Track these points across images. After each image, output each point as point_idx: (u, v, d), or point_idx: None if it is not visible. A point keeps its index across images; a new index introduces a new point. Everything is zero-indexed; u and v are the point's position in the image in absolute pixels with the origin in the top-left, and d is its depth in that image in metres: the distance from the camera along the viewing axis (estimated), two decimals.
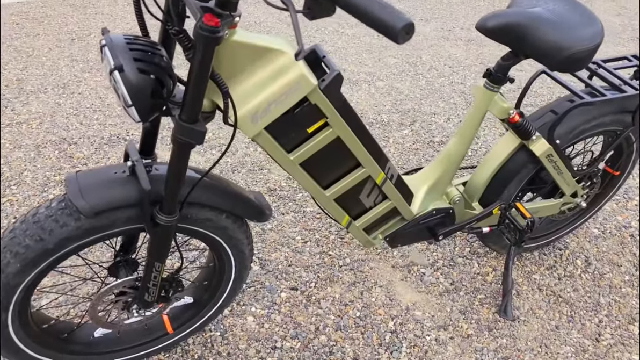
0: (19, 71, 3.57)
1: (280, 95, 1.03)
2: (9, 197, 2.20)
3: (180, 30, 0.90)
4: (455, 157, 1.51)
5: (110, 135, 2.73)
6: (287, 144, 1.15)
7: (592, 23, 1.30)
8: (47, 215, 1.07)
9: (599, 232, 2.16)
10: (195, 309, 1.49)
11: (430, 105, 3.31)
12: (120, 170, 1.10)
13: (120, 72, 0.90)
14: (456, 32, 5.03)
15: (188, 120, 0.96)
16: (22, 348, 1.23)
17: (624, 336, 1.69)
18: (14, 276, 1.08)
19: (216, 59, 0.93)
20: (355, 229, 1.43)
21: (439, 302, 1.80)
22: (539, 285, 1.88)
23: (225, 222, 1.26)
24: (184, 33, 0.91)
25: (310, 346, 1.61)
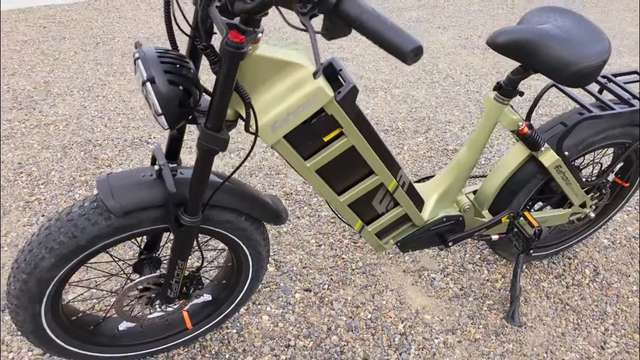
0: (46, 74, 3.69)
1: (299, 106, 1.10)
2: (37, 195, 2.30)
3: (207, 46, 0.98)
4: (465, 166, 1.56)
5: (133, 137, 2.83)
6: (304, 151, 1.21)
7: (600, 40, 1.35)
8: (80, 214, 1.15)
9: (609, 243, 2.19)
10: (214, 306, 1.56)
11: (445, 114, 3.35)
12: (148, 174, 1.18)
13: (152, 84, 0.97)
14: (473, 41, 5.06)
15: (213, 129, 1.04)
16: (53, 338, 1.31)
17: (629, 345, 1.73)
18: (48, 270, 1.16)
19: (240, 71, 1.00)
20: (367, 234, 1.50)
21: (448, 306, 1.85)
22: (547, 292, 1.92)
23: (244, 224, 1.33)
24: (211, 48, 0.98)
25: (323, 345, 1.67)
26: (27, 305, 1.20)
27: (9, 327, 1.66)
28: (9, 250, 1.98)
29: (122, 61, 4.01)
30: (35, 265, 1.15)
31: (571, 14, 1.42)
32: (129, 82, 3.58)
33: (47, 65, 3.86)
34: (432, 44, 4.85)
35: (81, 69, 3.82)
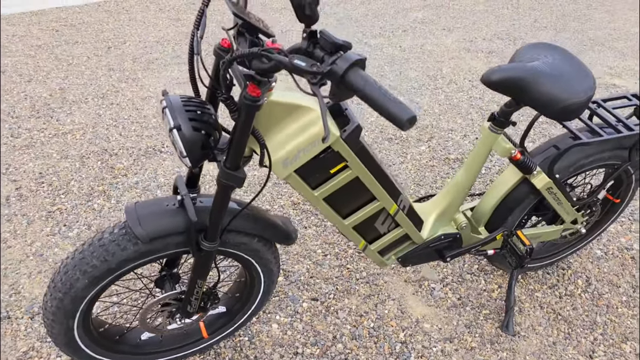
0: (60, 80, 3.82)
1: (308, 144, 1.22)
2: (59, 205, 2.43)
3: (227, 97, 1.09)
4: (462, 188, 1.68)
5: (147, 147, 2.95)
6: (312, 182, 1.33)
7: (586, 77, 1.45)
8: (111, 240, 1.27)
9: (602, 254, 2.30)
10: (228, 317, 1.69)
11: (448, 121, 3.45)
12: (171, 203, 1.30)
13: (179, 131, 1.09)
14: (478, 44, 5.14)
15: (231, 168, 1.15)
16: (83, 348, 1.44)
17: (615, 354, 1.84)
18: (81, 290, 1.29)
19: (255, 116, 1.11)
20: (370, 252, 1.61)
21: (446, 315, 1.97)
22: (541, 303, 2.04)
23: (257, 245, 1.45)
24: (230, 99, 1.10)
25: (328, 353, 1.79)
26: (62, 320, 1.33)
27: (37, 333, 1.79)
28: (34, 259, 2.11)
29: (134, 66, 4.12)
30: (70, 285, 1.28)
31: (560, 50, 1.52)
32: (141, 89, 3.69)
33: (62, 71, 3.98)
34: (436, 47, 4.93)
35: (94, 74, 3.93)
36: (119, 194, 2.53)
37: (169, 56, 4.33)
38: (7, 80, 3.73)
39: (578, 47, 5.21)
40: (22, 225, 2.28)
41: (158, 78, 3.90)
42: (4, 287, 1.96)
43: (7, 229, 2.25)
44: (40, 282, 1.99)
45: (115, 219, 2.35)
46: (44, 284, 1.98)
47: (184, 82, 3.81)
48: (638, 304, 2.06)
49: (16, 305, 1.89)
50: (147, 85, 3.75)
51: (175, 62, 4.20)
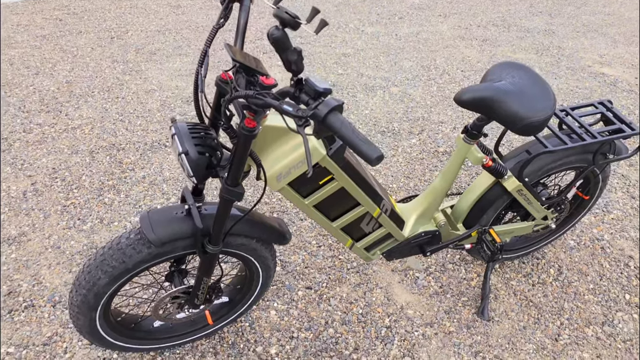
0: (67, 72, 3.96)
1: (298, 162, 1.39)
2: (72, 200, 2.62)
3: (228, 127, 1.26)
4: (440, 192, 1.86)
5: (153, 141, 3.12)
6: (303, 192, 1.51)
7: (547, 96, 1.61)
8: (128, 244, 1.46)
9: (575, 244, 2.49)
10: (230, 306, 1.89)
11: (438, 114, 3.61)
12: (179, 211, 1.48)
13: (186, 155, 1.27)
14: (472, 31, 5.24)
15: (231, 185, 1.33)
16: (104, 336, 1.65)
17: (579, 337, 2.05)
18: (103, 287, 1.48)
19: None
20: (357, 249, 1.81)
21: (428, 302, 2.17)
22: (515, 290, 2.24)
23: (255, 245, 1.64)
24: (231, 128, 1.27)
25: (321, 337, 2.00)
26: (86, 312, 1.53)
27: (60, 320, 2.00)
28: (52, 251, 2.31)
29: (137, 58, 4.25)
30: (93, 283, 1.47)
31: (525, 70, 1.68)
32: (145, 82, 3.84)
33: (67, 63, 4.12)
34: (431, 35, 5.04)
35: (99, 66, 4.08)
36: (127, 188, 2.72)
37: (170, 46, 4.47)
38: (15, 73, 3.88)
39: (571, 33, 5.32)
40: (40, 219, 2.47)
41: (161, 70, 4.04)
42: (27, 278, 2.16)
43: (27, 223, 2.44)
44: (59, 273, 2.19)
45: (125, 212, 2.54)
46: (62, 275, 2.18)
47: (185, 75, 3.96)
48: (607, 289, 2.26)
49: (39, 295, 2.09)
50: (151, 78, 3.90)
51: (177, 53, 4.34)
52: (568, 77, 4.33)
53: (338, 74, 4.11)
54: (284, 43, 1.11)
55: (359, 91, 3.86)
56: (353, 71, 4.18)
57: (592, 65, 4.62)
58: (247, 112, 1.21)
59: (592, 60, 4.72)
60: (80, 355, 1.87)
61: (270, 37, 1.11)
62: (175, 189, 2.71)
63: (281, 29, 1.12)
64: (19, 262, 2.23)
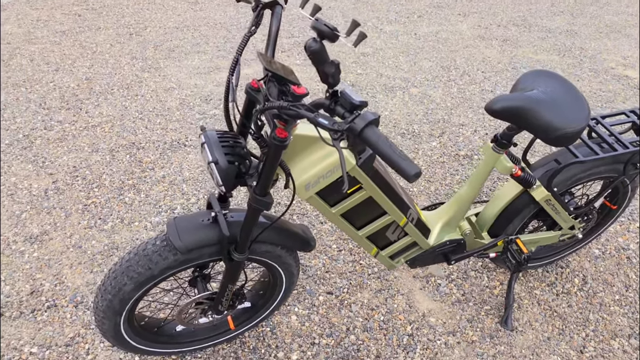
0: (86, 69, 3.97)
1: (328, 171, 1.37)
2: (93, 199, 2.62)
3: (259, 136, 1.25)
4: (466, 201, 1.83)
5: (172, 140, 3.12)
6: (330, 201, 1.49)
7: (581, 106, 1.58)
8: (154, 250, 1.45)
9: (600, 253, 2.45)
10: (252, 312, 1.88)
11: (459, 116, 3.57)
12: (205, 218, 1.47)
13: (216, 165, 1.25)
14: (492, 30, 5.18)
15: (260, 194, 1.32)
16: (128, 340, 1.64)
17: (605, 349, 2.01)
18: (128, 293, 1.48)
19: None
20: (382, 257, 1.78)
21: (450, 310, 2.14)
22: (539, 300, 2.20)
23: (280, 252, 1.63)
24: (261, 138, 1.25)
25: (342, 344, 1.99)
26: (111, 317, 1.53)
27: (82, 321, 2.00)
28: (74, 251, 2.31)
29: (155, 55, 4.26)
30: (119, 289, 1.47)
31: (558, 78, 1.65)
32: (164, 79, 3.84)
33: (87, 59, 4.13)
34: (451, 35, 4.99)
35: (118, 63, 4.08)
36: (147, 187, 2.72)
37: (188, 44, 4.46)
38: (35, 70, 3.90)
39: (594, 34, 5.23)
40: (61, 218, 2.48)
41: (179, 67, 4.04)
42: (49, 277, 2.17)
43: (48, 222, 2.45)
44: (81, 273, 2.20)
45: (145, 212, 2.54)
46: (84, 275, 2.19)
47: (204, 72, 3.95)
48: (634, 301, 2.22)
49: (61, 295, 2.10)
50: (169, 76, 3.90)
51: (195, 51, 4.33)
52: (591, 80, 4.26)
53: (357, 74, 4.08)
54: (322, 56, 1.09)
55: (378, 92, 3.83)
56: (372, 71, 4.15)
57: (616, 68, 4.54)
58: (278, 121, 1.19)
59: (616, 62, 4.64)
60: (102, 357, 1.88)
61: (308, 49, 1.09)
62: (194, 190, 2.71)
63: (319, 42, 1.10)
64: (41, 261, 2.24)
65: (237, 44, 4.47)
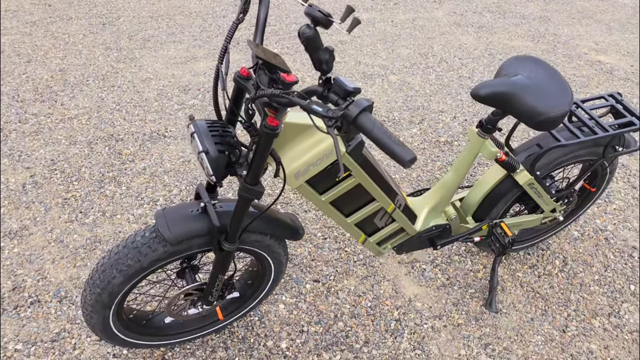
0: (59, 60, 3.87)
1: (317, 159, 1.37)
2: (73, 192, 2.58)
3: (249, 125, 1.24)
4: (451, 186, 1.85)
5: (151, 131, 3.07)
6: (320, 189, 1.49)
7: (564, 91, 1.61)
8: (143, 242, 1.43)
9: (579, 235, 2.51)
10: (241, 301, 1.88)
11: (438, 102, 3.60)
12: (194, 209, 1.46)
13: (207, 154, 1.24)
14: (468, 17, 5.21)
15: (251, 183, 1.31)
16: (117, 333, 1.63)
17: (586, 328, 2.07)
18: (117, 286, 1.46)
19: None
20: (369, 244, 1.80)
21: (436, 295, 2.18)
22: (521, 282, 2.25)
23: (269, 241, 1.62)
24: (252, 126, 1.24)
25: (331, 331, 2.00)
26: (100, 311, 1.51)
27: (67, 316, 1.97)
28: (55, 245, 2.27)
29: (130, 45, 4.17)
30: (108, 282, 1.45)
31: (540, 63, 1.67)
32: (140, 70, 3.77)
33: (60, 50, 4.03)
34: (427, 22, 5.01)
35: (92, 54, 3.99)
36: (128, 180, 2.68)
37: (164, 33, 4.39)
38: (6, 61, 3.79)
39: (566, 20, 5.31)
40: (41, 213, 2.42)
41: (155, 57, 3.97)
42: (31, 273, 2.13)
43: (27, 216, 2.40)
44: (64, 268, 2.16)
45: (127, 205, 2.51)
46: (67, 269, 2.15)
47: (181, 62, 3.89)
48: (612, 280, 2.28)
49: (44, 290, 2.06)
50: (146, 66, 3.83)
51: (171, 40, 4.26)
52: (565, 66, 4.34)
53: (336, 62, 4.07)
54: (316, 42, 1.09)
55: (357, 79, 3.83)
56: (351, 59, 4.14)
57: (588, 53, 4.63)
58: (269, 109, 1.18)
59: (588, 48, 4.73)
60: (89, 351, 1.85)
61: (302, 35, 1.09)
62: (176, 181, 2.68)
63: (313, 28, 1.09)
64: (22, 256, 2.20)
65: (213, 32, 4.41)
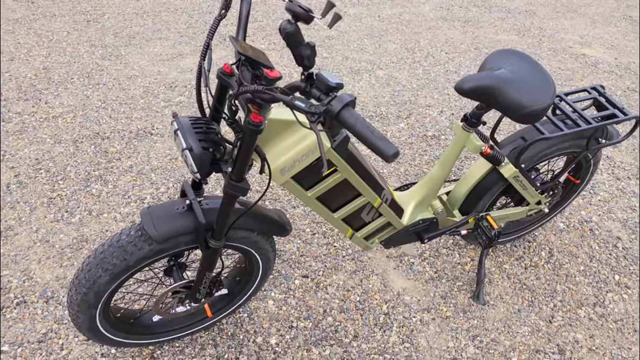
0: (43, 58, 3.83)
1: (303, 155, 1.37)
2: (58, 191, 2.55)
3: (233, 121, 1.23)
4: (437, 181, 1.86)
5: (138, 129, 3.05)
6: (306, 184, 1.49)
7: (547, 84, 1.62)
8: (128, 241, 1.43)
9: (564, 226, 2.54)
10: (229, 298, 1.88)
11: (425, 97, 3.61)
12: (180, 206, 1.45)
13: (191, 152, 1.24)
14: (454, 12, 5.23)
15: (236, 180, 1.31)
16: (104, 333, 1.62)
17: (572, 318, 2.09)
18: (103, 285, 1.45)
19: None
20: (357, 239, 1.80)
21: (424, 288, 2.19)
22: (508, 274, 2.27)
23: (257, 238, 1.62)
24: (236, 123, 1.24)
25: (320, 326, 2.00)
26: (86, 311, 1.50)
27: (54, 316, 1.96)
28: (41, 245, 2.25)
29: (115, 42, 4.14)
30: (93, 281, 1.44)
31: (523, 57, 1.68)
32: (125, 67, 3.74)
33: (43, 48, 3.98)
34: (414, 17, 5.01)
35: (77, 51, 3.95)
36: (115, 178, 2.66)
37: (149, 30, 4.35)
38: None
39: (551, 13, 5.35)
40: (26, 213, 2.40)
41: (141, 54, 3.94)
42: (16, 273, 2.11)
43: (12, 216, 2.37)
44: (50, 268, 2.15)
45: (114, 203, 2.49)
46: (53, 269, 2.13)
47: (167, 59, 3.87)
48: (597, 271, 2.31)
49: (30, 290, 2.05)
50: (131, 63, 3.80)
51: (157, 37, 4.23)
52: (550, 59, 4.37)
53: (323, 58, 4.07)
54: (297, 38, 1.08)
55: (344, 75, 3.83)
56: (338, 54, 4.14)
57: (573, 46, 4.67)
58: (252, 106, 1.18)
59: (573, 41, 4.77)
60: (77, 351, 1.84)
61: (283, 31, 1.08)
62: (164, 178, 2.67)
63: (294, 23, 1.09)
64: (7, 257, 2.18)
65: (199, 29, 4.39)
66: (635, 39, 4.97)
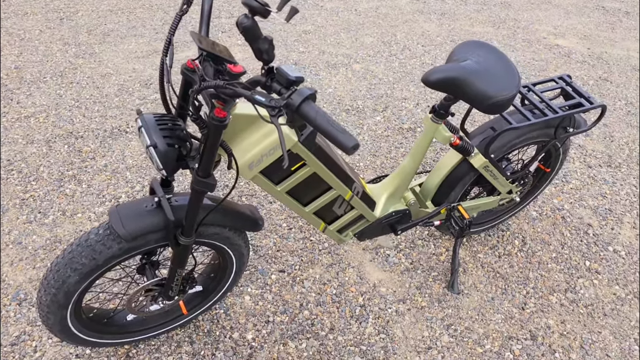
0: (15, 57, 3.77)
1: (270, 149, 1.38)
2: (31, 192, 2.52)
3: (197, 117, 1.23)
4: (409, 172, 1.87)
5: (112, 127, 3.02)
6: (275, 179, 1.50)
7: (512, 75, 1.64)
8: (97, 240, 1.42)
9: (537, 214, 2.58)
10: (204, 295, 1.88)
11: (401, 90, 3.63)
12: (149, 204, 1.45)
13: (155, 148, 1.23)
14: (430, 4, 5.25)
15: (203, 176, 1.31)
16: (76, 333, 1.61)
17: (544, 305, 2.13)
18: (73, 285, 1.44)
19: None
20: (330, 232, 1.81)
21: (400, 279, 2.21)
22: (482, 263, 2.30)
23: (228, 234, 1.62)
24: (200, 118, 1.24)
25: (296, 319, 2.02)
26: (56, 311, 1.49)
27: (27, 319, 1.94)
28: (13, 247, 2.23)
29: (89, 40, 4.08)
30: (62, 282, 1.43)
31: (489, 48, 1.70)
32: (99, 65, 3.70)
33: (15, 47, 3.92)
34: (391, 10, 5.03)
35: (49, 50, 3.89)
36: (89, 177, 2.63)
37: (124, 27, 4.30)
38: None
39: (526, 5, 5.40)
40: None
41: (116, 52, 3.90)
42: None
43: None
44: (23, 270, 2.12)
45: (89, 203, 2.47)
46: (26, 271, 2.11)
47: (142, 56, 3.83)
48: (569, 257, 2.35)
49: (2, 293, 2.02)
50: (106, 61, 3.76)
51: (132, 34, 4.18)
52: (524, 50, 4.41)
53: (300, 52, 4.06)
54: (255, 32, 1.09)
55: (321, 69, 3.83)
56: (314, 49, 4.14)
57: (547, 37, 4.72)
58: (216, 101, 1.18)
59: (547, 32, 4.82)
60: (51, 353, 1.83)
61: (240, 25, 1.08)
62: (139, 177, 2.65)
63: (251, 18, 1.09)
64: None
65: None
66: (607, 29, 5.04)
